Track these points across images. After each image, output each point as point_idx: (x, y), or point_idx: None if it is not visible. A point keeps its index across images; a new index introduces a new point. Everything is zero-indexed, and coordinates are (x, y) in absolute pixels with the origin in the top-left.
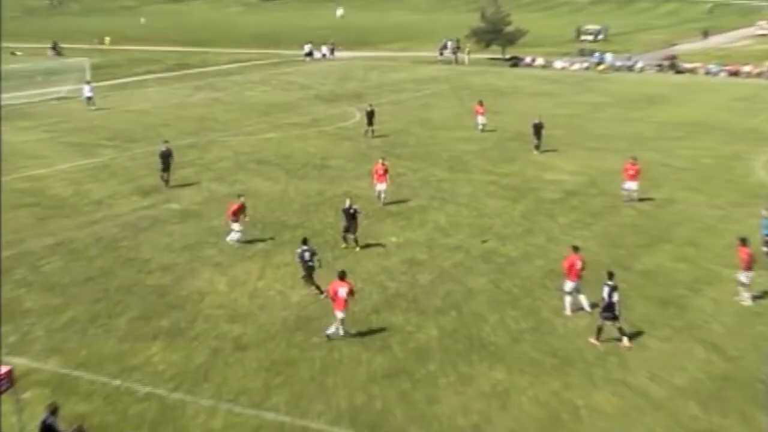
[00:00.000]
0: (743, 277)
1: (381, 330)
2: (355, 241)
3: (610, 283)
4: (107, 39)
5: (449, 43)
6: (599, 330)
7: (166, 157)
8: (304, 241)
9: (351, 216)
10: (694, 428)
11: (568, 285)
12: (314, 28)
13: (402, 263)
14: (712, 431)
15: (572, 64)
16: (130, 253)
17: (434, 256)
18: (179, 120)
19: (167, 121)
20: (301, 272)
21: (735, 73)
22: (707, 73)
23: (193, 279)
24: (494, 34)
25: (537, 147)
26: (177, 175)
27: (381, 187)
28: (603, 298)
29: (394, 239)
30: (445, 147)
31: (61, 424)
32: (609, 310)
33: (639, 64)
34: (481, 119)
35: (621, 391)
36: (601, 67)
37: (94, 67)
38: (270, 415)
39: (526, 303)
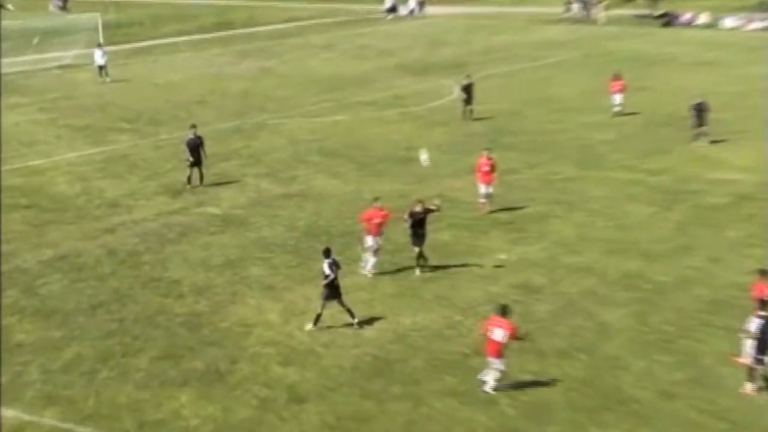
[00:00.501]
0: None
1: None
2: (423, 258)
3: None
4: None
5: None
6: (750, 373)
7: (196, 148)
8: (326, 253)
9: (419, 222)
10: None
11: (754, 324)
12: None
13: (513, 289)
14: None
15: (749, 21)
16: (154, 271)
17: (556, 280)
18: (219, 96)
19: (203, 97)
20: (323, 293)
21: None
22: None
23: (235, 306)
24: None
25: (699, 136)
26: (216, 169)
27: (486, 189)
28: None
29: (503, 257)
30: (572, 135)
31: None
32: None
33: None
34: (617, 99)
35: None
36: None
37: (108, 26)
38: None
39: (681, 346)
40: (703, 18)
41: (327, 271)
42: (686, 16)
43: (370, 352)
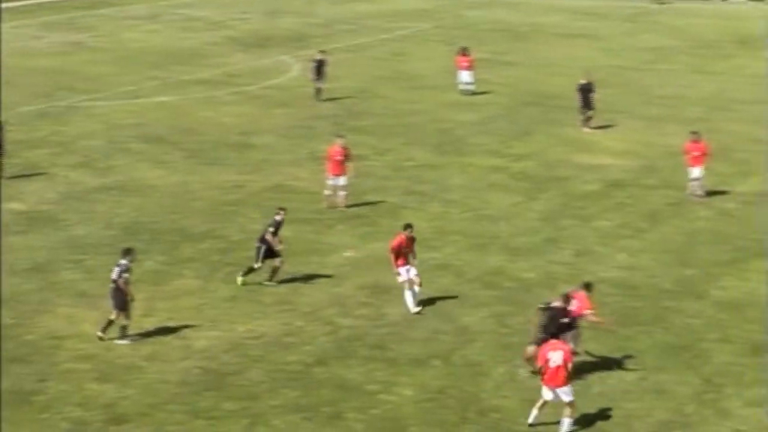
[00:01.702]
0: None
1: (330, 390)
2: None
3: None
4: None
5: None
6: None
7: None
8: (126, 252)
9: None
10: None
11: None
12: None
13: (361, 290)
14: None
15: None
16: None
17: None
18: (22, 75)
19: (3, 76)
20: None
21: None
22: None
23: (44, 316)
24: None
25: (586, 120)
26: (19, 159)
27: (338, 180)
28: None
29: (349, 254)
30: (428, 116)
31: None
32: None
33: None
34: (465, 76)
35: None
36: None
37: None
38: None
39: None
40: None
41: (115, 274)
42: None
43: (200, 364)
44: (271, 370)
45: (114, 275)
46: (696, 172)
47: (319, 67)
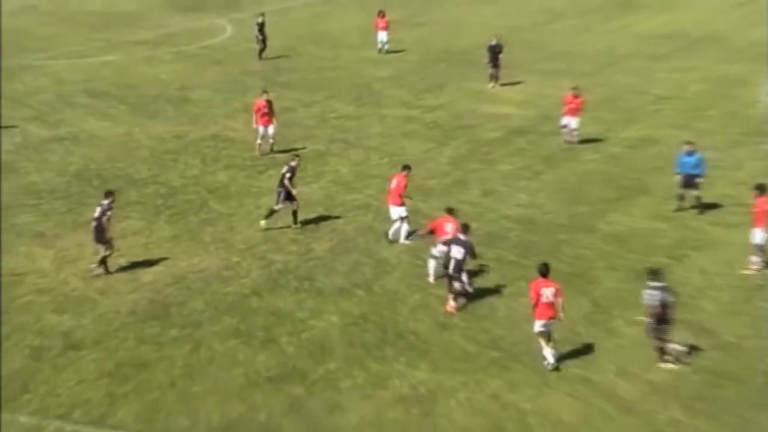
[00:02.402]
0: (760, 236)
1: (264, 318)
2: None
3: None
4: None
5: None
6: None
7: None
8: (107, 194)
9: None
10: None
11: (438, 250)
12: None
13: (290, 228)
14: None
15: None
16: None
17: (334, 218)
18: None
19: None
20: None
21: None
22: None
23: (5, 256)
24: None
25: (494, 78)
26: None
27: (266, 130)
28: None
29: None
30: (348, 72)
31: None
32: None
33: None
34: (382, 36)
35: (580, 390)
36: None
37: None
38: None
39: None
40: None
41: (97, 214)
42: None
43: (147, 296)
44: (211, 301)
45: (96, 214)
46: (573, 121)
47: (261, 29)
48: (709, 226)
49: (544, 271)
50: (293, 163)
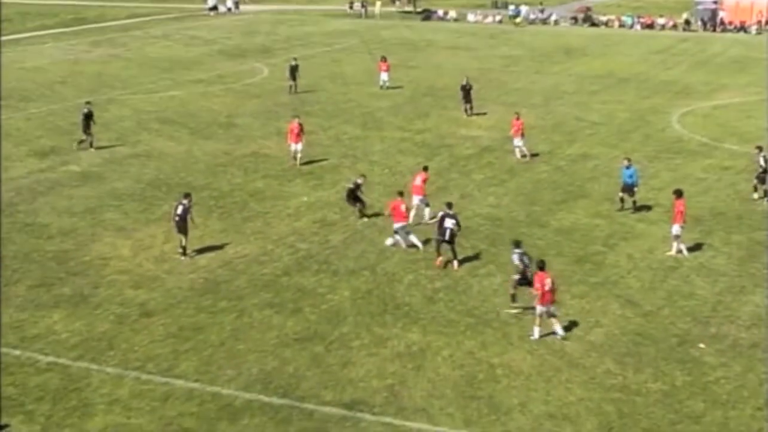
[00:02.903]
0: (677, 229)
1: (292, 293)
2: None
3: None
4: None
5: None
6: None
7: (88, 118)
8: (186, 195)
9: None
10: (609, 384)
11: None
12: None
13: (313, 224)
14: (627, 387)
15: (486, 17)
16: (28, 218)
17: (346, 216)
18: (77, 77)
19: (64, 78)
20: (176, 230)
21: (650, 26)
22: (622, 25)
23: (95, 244)
24: None
25: (467, 109)
26: (76, 135)
27: (296, 147)
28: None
29: (305, 199)
30: (357, 103)
31: None
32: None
33: (553, 17)
34: (384, 76)
35: (537, 349)
36: (518, 20)
37: None
38: (179, 382)
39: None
40: (452, 13)
41: (180, 210)
42: (440, 12)
43: (203, 275)
44: (251, 279)
45: (179, 211)
46: (518, 141)
47: (294, 70)
48: (635, 222)
49: (542, 266)
50: (359, 180)
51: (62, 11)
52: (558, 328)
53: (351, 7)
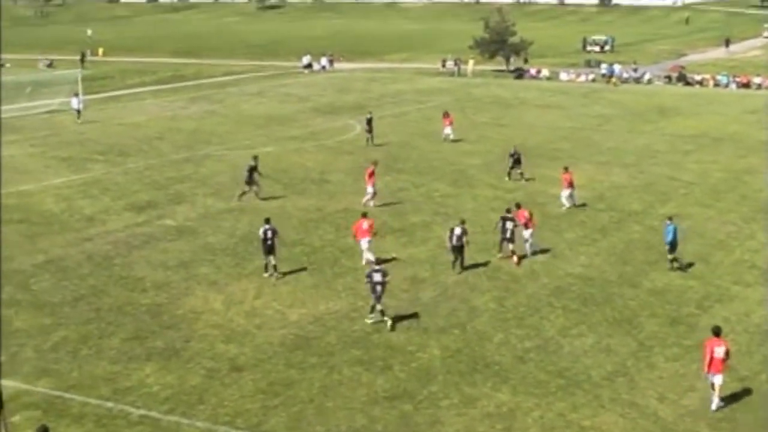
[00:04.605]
0: None
1: (382, 350)
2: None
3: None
4: (100, 50)
5: (450, 57)
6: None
7: (252, 171)
8: (267, 221)
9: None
10: None
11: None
12: (313, 38)
13: (404, 281)
14: None
15: (578, 75)
16: (123, 271)
17: (437, 273)
18: (173, 133)
19: (161, 134)
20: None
21: (746, 85)
22: (717, 84)
23: (188, 298)
24: (498, 44)
25: (521, 176)
26: (171, 190)
27: (373, 188)
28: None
29: (395, 256)
30: (448, 161)
31: None
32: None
33: (647, 76)
34: (447, 130)
35: (629, 412)
36: (614, 79)
37: (86, 79)
38: None
39: (531, 322)
40: (545, 72)
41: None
42: (533, 70)
43: (294, 331)
44: (342, 336)
45: (261, 235)
46: (564, 193)
47: (369, 122)
48: (730, 284)
49: (717, 332)
50: (465, 226)
51: (161, 69)
52: (715, 400)
53: (444, 65)
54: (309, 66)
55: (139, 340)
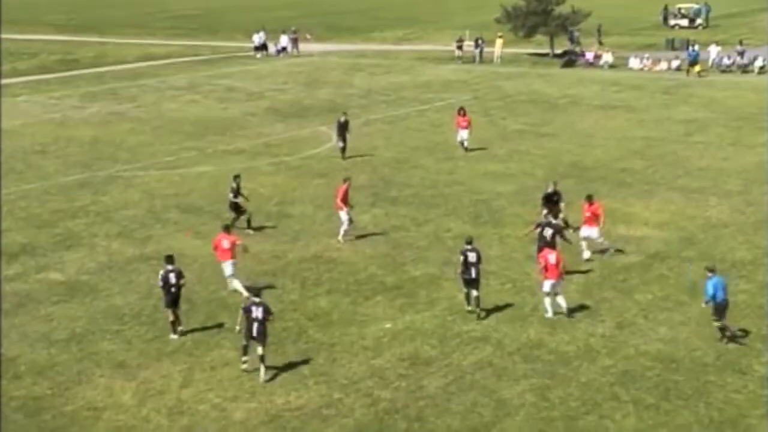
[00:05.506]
0: None
1: None
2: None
3: None
4: None
5: (469, 35)
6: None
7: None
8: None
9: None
10: None
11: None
12: (269, 8)
13: (400, 362)
14: None
15: (657, 62)
16: None
17: (448, 351)
18: (63, 145)
19: (44, 146)
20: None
21: None
22: None
23: (82, 387)
24: (539, 16)
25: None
26: (59, 228)
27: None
28: None
29: (388, 325)
30: (466, 186)
31: None
32: None
33: (758, 62)
34: (463, 134)
35: None
36: (697, 67)
37: None
38: None
39: (587, 423)
40: (607, 57)
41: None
42: (589, 55)
43: None
44: None
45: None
46: (592, 232)
47: (342, 128)
48: None
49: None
50: (476, 247)
51: (43, 50)
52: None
53: (460, 47)
54: (263, 48)
55: None
